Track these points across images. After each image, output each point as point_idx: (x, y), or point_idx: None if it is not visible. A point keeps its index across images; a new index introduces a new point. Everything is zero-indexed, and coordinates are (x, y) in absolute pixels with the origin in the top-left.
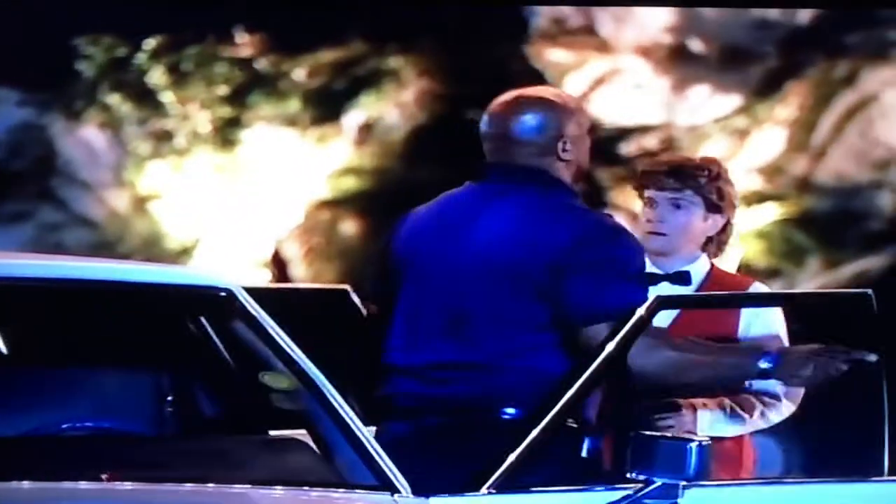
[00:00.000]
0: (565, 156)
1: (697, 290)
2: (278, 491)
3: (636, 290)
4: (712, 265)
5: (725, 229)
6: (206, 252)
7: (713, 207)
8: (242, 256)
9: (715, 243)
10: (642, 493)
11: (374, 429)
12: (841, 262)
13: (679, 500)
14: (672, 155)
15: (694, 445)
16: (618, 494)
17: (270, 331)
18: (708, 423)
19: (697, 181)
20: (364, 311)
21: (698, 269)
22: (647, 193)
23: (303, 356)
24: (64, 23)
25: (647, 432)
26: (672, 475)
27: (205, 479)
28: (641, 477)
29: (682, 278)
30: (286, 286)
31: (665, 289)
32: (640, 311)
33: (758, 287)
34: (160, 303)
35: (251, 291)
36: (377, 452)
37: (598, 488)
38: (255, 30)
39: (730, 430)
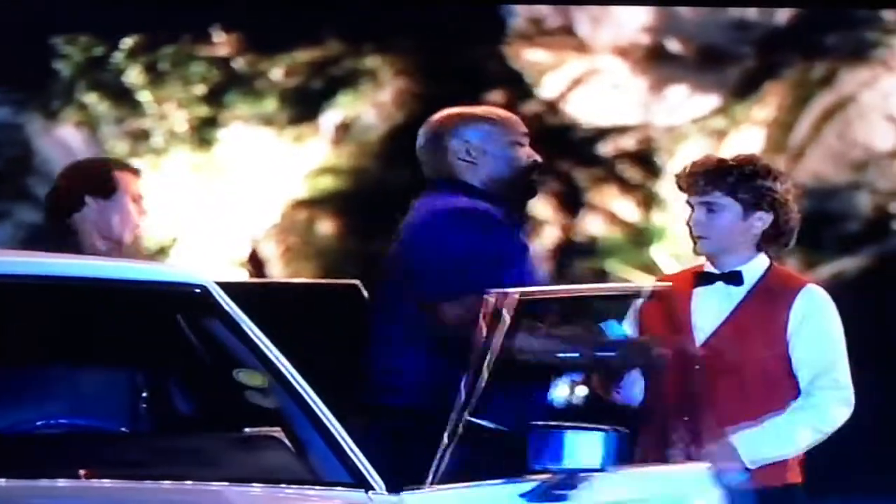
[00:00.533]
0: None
1: (752, 289)
2: (255, 488)
3: (459, 275)
4: (771, 263)
5: (779, 226)
6: (183, 251)
7: (751, 206)
8: (220, 255)
9: (774, 241)
10: (552, 483)
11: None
12: (818, 262)
13: (583, 491)
14: (708, 157)
15: (600, 435)
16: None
17: (245, 328)
18: (748, 444)
19: (726, 182)
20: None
21: (753, 268)
22: (687, 198)
23: (277, 353)
24: (41, 22)
25: (550, 423)
26: (580, 465)
27: (183, 477)
28: (552, 467)
29: (734, 278)
30: (296, 281)
31: (720, 288)
32: (492, 303)
33: (808, 289)
34: (135, 300)
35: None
36: (351, 449)
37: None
38: (231, 29)
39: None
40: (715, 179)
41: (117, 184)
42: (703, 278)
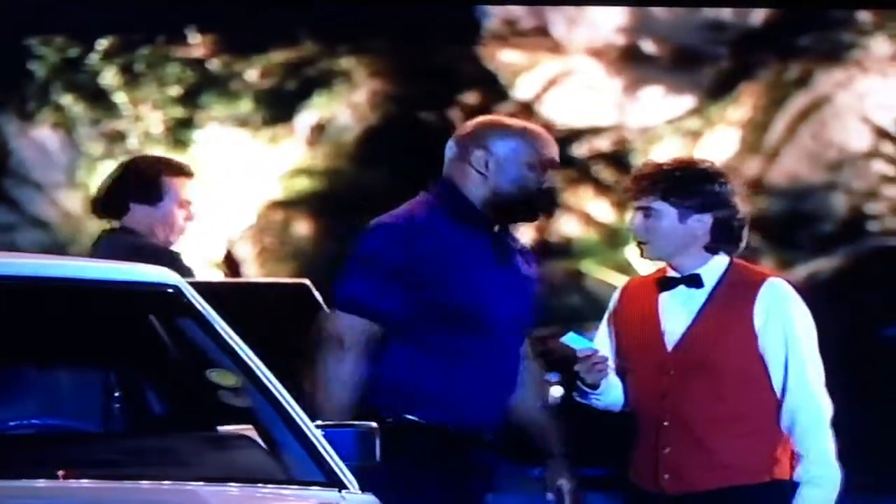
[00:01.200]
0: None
1: (713, 290)
2: (231, 488)
3: (345, 279)
4: (731, 262)
5: (721, 227)
6: None
7: (687, 210)
8: (195, 256)
9: (725, 242)
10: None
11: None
12: (794, 262)
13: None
14: (646, 163)
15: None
16: None
17: (218, 327)
18: None
19: (659, 187)
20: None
21: (711, 269)
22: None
23: (250, 353)
24: (16, 23)
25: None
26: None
27: (159, 477)
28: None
29: (693, 280)
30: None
31: (682, 292)
32: None
33: (770, 283)
34: (108, 300)
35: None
36: (324, 449)
37: None
38: (207, 30)
39: None
40: (649, 185)
41: (164, 191)
42: (664, 283)
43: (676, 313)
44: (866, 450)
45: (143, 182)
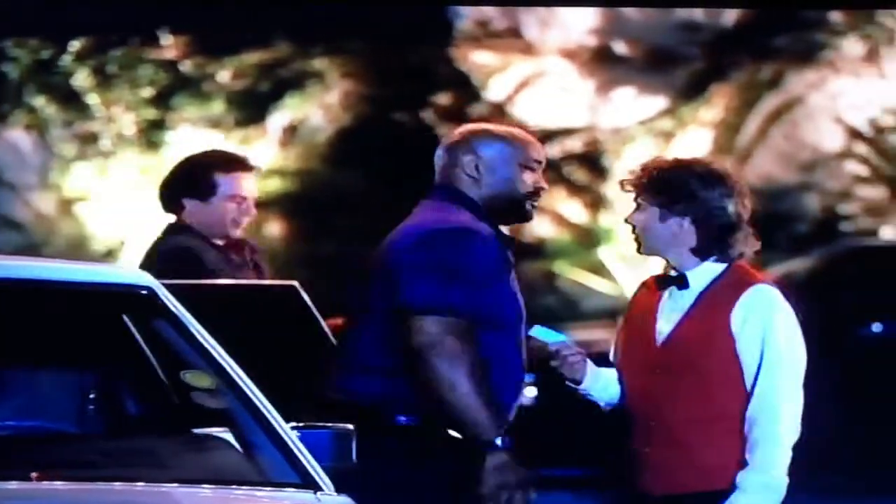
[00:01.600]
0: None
1: (700, 293)
2: (205, 490)
3: (431, 287)
4: (730, 266)
5: (703, 231)
6: (131, 253)
7: (667, 210)
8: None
9: (710, 246)
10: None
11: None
12: (767, 263)
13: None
14: (653, 159)
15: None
16: None
17: (192, 329)
18: None
19: (643, 184)
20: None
21: (701, 271)
22: None
23: (224, 354)
24: None
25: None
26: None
27: (134, 478)
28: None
29: (679, 281)
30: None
31: (675, 292)
32: None
33: (753, 290)
34: (82, 301)
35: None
36: (299, 450)
37: None
38: (179, 32)
39: None
40: (638, 181)
41: (216, 187)
42: (659, 281)
43: (669, 313)
44: (844, 450)
45: (193, 178)
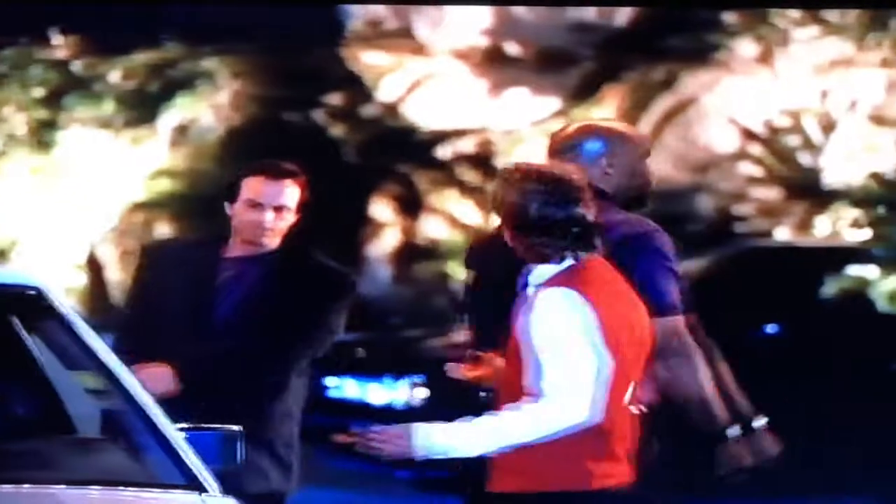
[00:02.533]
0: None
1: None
2: (92, 491)
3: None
4: (569, 267)
5: (529, 238)
6: (22, 254)
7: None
8: (59, 258)
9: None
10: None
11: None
12: None
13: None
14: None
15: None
16: None
17: (80, 330)
18: None
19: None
20: None
21: (537, 273)
22: None
23: (112, 356)
24: None
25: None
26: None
27: (20, 480)
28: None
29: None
30: None
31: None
32: None
33: (539, 294)
34: None
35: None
36: (185, 452)
37: None
38: (70, 32)
39: None
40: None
41: (238, 190)
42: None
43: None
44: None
45: (226, 183)
